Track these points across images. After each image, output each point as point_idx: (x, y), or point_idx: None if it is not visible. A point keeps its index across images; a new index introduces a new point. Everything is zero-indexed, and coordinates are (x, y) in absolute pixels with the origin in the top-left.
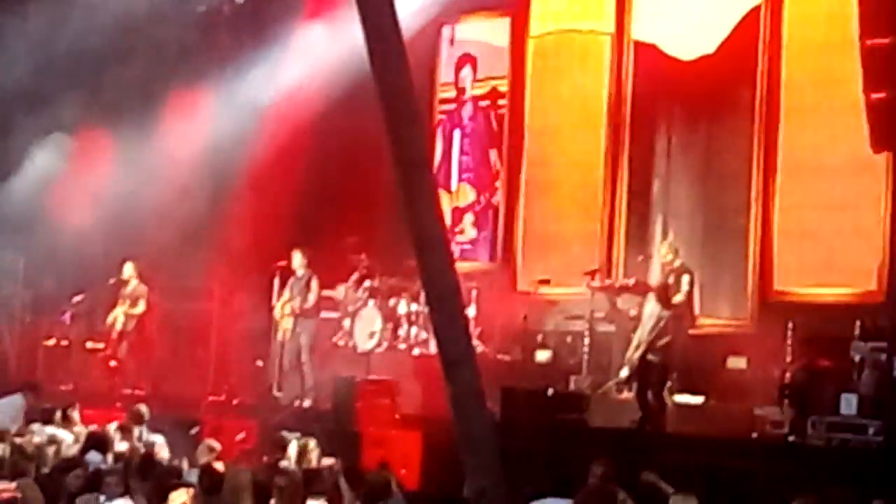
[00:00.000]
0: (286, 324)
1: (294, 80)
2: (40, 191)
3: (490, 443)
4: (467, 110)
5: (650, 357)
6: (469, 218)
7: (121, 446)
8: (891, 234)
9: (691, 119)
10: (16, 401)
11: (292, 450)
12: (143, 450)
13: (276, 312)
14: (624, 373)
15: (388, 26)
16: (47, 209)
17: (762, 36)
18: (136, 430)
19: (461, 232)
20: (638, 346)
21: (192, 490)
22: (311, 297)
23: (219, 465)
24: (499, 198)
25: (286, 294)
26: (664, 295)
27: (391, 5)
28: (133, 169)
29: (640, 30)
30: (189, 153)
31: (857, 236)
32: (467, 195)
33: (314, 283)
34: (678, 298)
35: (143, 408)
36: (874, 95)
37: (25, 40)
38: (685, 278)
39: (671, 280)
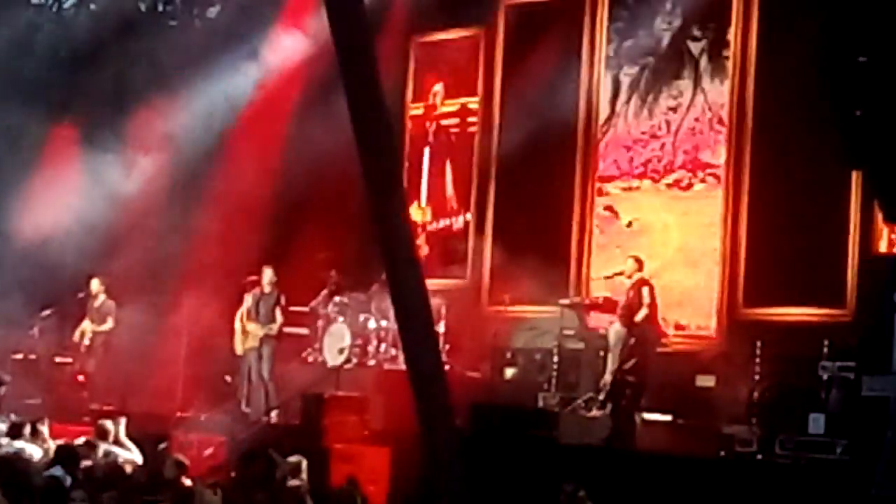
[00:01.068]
0: (251, 342)
1: (264, 94)
2: (8, 202)
3: (459, 459)
4: (437, 127)
5: (623, 376)
6: (433, 235)
7: (87, 462)
8: (859, 254)
9: None
10: None
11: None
12: (107, 465)
13: (237, 327)
14: (602, 395)
15: (361, 42)
16: (14, 221)
17: (732, 52)
18: (102, 446)
19: (429, 249)
20: (611, 368)
21: None
22: (279, 318)
23: (186, 481)
24: (468, 215)
25: (248, 303)
26: (627, 314)
27: (364, 20)
28: (102, 181)
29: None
30: (158, 166)
31: (825, 255)
32: (436, 212)
33: (282, 302)
34: (642, 313)
35: (110, 423)
36: (844, 113)
37: None
38: (645, 290)
39: (632, 294)
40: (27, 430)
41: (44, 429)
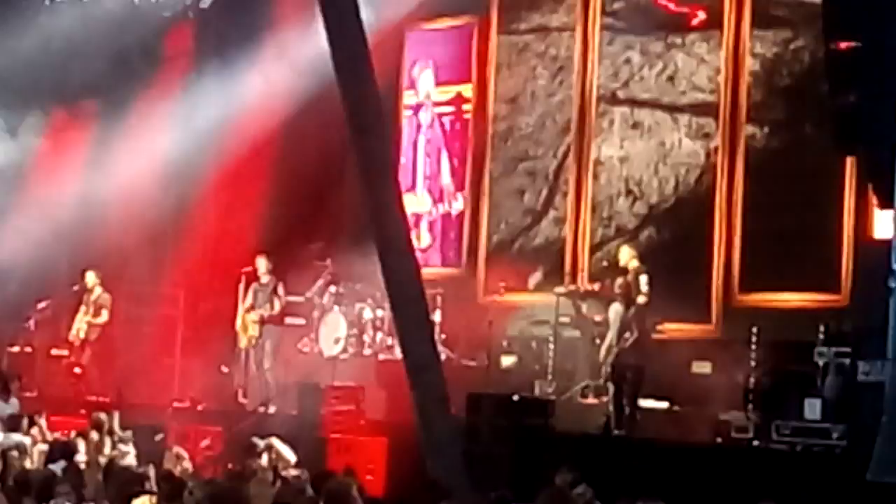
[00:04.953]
0: (251, 331)
1: (260, 86)
2: (4, 195)
3: (455, 448)
4: (431, 116)
5: (623, 359)
6: (433, 224)
7: (81, 455)
8: (854, 240)
9: None
10: None
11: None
12: (102, 460)
13: (239, 320)
14: (601, 379)
15: (353, 33)
16: (11, 214)
17: (725, 40)
18: (96, 437)
19: (425, 238)
20: (609, 350)
21: (154, 497)
22: (277, 305)
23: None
24: (463, 203)
25: (249, 300)
26: (627, 294)
27: (356, 12)
28: (97, 174)
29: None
30: (154, 159)
31: (821, 241)
32: (431, 201)
33: (280, 291)
34: (641, 300)
35: (104, 416)
36: (839, 99)
37: None
38: (643, 278)
39: (630, 281)
40: (24, 423)
41: (41, 422)
